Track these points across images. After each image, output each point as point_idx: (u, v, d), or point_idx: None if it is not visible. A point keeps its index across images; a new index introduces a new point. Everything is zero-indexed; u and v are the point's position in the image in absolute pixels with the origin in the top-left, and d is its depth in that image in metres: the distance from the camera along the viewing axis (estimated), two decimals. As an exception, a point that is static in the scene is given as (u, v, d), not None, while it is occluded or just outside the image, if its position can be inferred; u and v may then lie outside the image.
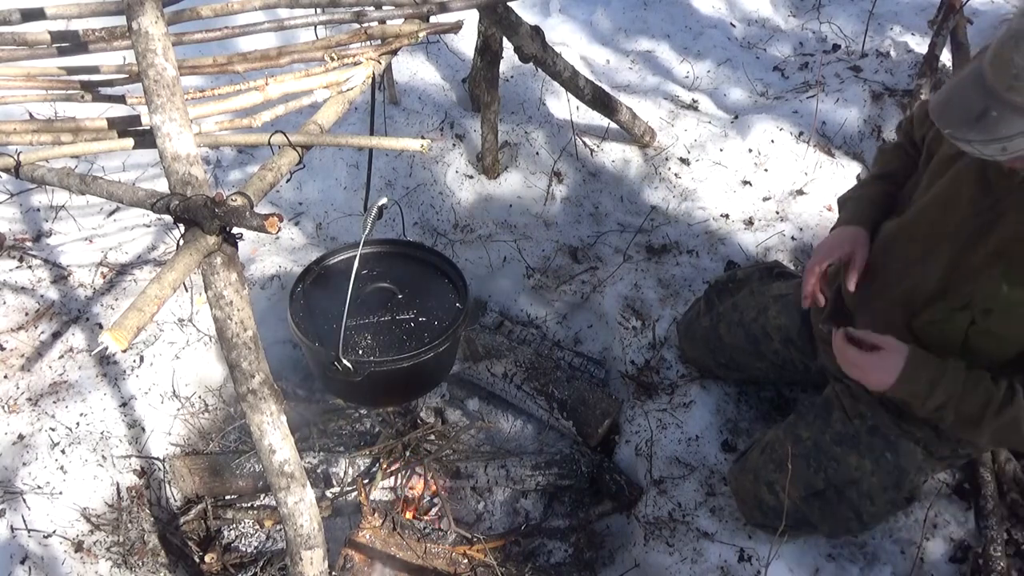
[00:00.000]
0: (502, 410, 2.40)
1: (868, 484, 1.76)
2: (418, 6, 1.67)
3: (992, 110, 1.23)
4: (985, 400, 1.49)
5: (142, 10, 1.15)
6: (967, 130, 1.27)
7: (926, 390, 1.53)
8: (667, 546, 1.98)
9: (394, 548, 1.99)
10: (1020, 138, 1.23)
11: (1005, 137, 1.24)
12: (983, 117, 1.24)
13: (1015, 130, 1.23)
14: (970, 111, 1.26)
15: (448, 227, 2.80)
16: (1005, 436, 1.53)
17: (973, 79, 1.27)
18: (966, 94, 1.28)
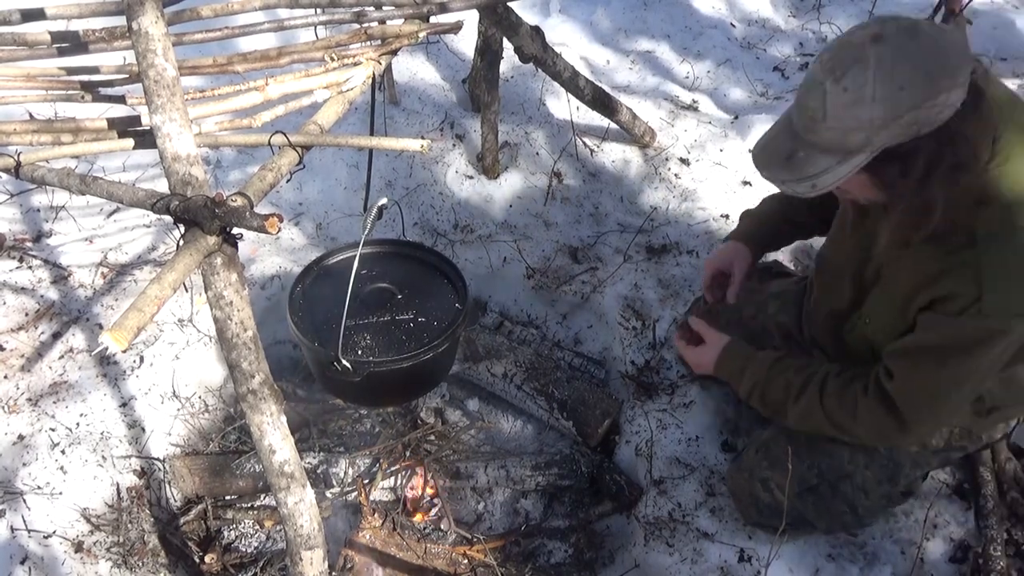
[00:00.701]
0: (502, 410, 2.41)
1: (862, 477, 1.77)
2: (418, 6, 1.67)
3: (799, 151, 1.35)
4: (785, 388, 1.70)
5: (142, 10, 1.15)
6: (779, 171, 1.39)
7: (736, 377, 1.80)
8: (667, 546, 1.98)
9: (394, 548, 1.99)
10: (826, 175, 1.34)
11: (813, 175, 1.34)
12: (792, 158, 1.36)
13: (820, 168, 1.33)
14: (780, 154, 1.38)
15: (448, 227, 2.80)
16: (806, 422, 1.70)
17: (784, 125, 1.40)
18: (778, 139, 1.40)
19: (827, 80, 1.29)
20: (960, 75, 1.26)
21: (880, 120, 1.26)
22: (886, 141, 1.29)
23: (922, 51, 1.24)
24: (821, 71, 1.31)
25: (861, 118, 1.27)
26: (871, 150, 1.31)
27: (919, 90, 1.24)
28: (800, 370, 1.69)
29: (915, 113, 1.25)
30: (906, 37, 1.26)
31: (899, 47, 1.25)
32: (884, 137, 1.28)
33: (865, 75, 1.25)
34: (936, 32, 1.28)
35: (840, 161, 1.32)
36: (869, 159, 1.32)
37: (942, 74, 1.24)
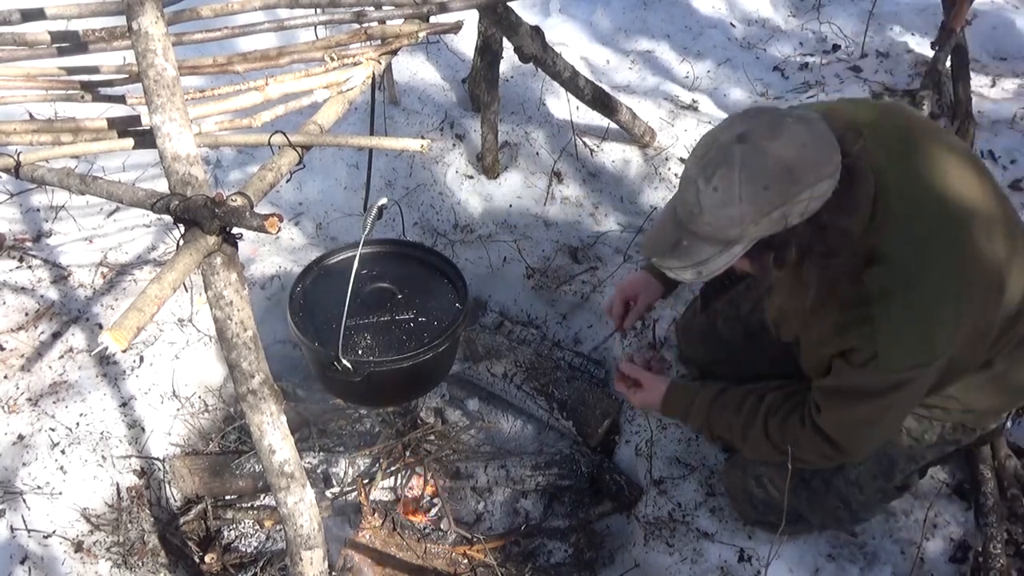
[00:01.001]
0: (502, 410, 2.40)
1: (856, 473, 1.78)
2: (418, 6, 1.67)
3: (684, 240, 1.43)
4: (729, 428, 1.77)
5: (142, 10, 1.15)
6: (668, 258, 1.47)
7: (683, 418, 1.88)
8: (667, 546, 1.98)
9: (394, 548, 1.99)
10: (710, 262, 1.42)
11: (698, 263, 1.43)
12: (677, 246, 1.44)
13: (704, 256, 1.42)
14: (667, 242, 1.46)
15: (448, 227, 2.80)
16: (758, 454, 1.77)
17: (670, 214, 1.48)
18: (665, 227, 1.48)
19: (699, 179, 1.36)
20: (825, 168, 1.32)
21: (750, 217, 1.34)
22: (759, 233, 1.37)
23: (785, 150, 1.31)
24: (695, 168, 1.38)
25: (732, 216, 1.34)
26: (747, 241, 1.39)
27: (783, 188, 1.31)
28: (739, 408, 1.74)
29: (782, 209, 1.32)
30: (769, 136, 1.32)
31: (762, 147, 1.31)
32: (756, 231, 1.36)
33: (731, 176, 1.32)
34: (800, 127, 1.33)
35: (721, 250, 1.41)
36: (747, 248, 1.40)
37: (805, 171, 1.31)
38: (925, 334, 1.45)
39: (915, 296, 1.43)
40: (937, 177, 1.52)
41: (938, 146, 1.59)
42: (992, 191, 1.59)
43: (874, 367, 1.46)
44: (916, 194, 1.48)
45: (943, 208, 1.49)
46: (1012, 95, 3.18)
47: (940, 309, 1.45)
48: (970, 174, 1.57)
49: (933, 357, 1.47)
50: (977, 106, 3.01)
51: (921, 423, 1.73)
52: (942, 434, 1.75)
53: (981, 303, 1.50)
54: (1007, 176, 2.84)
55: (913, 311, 1.44)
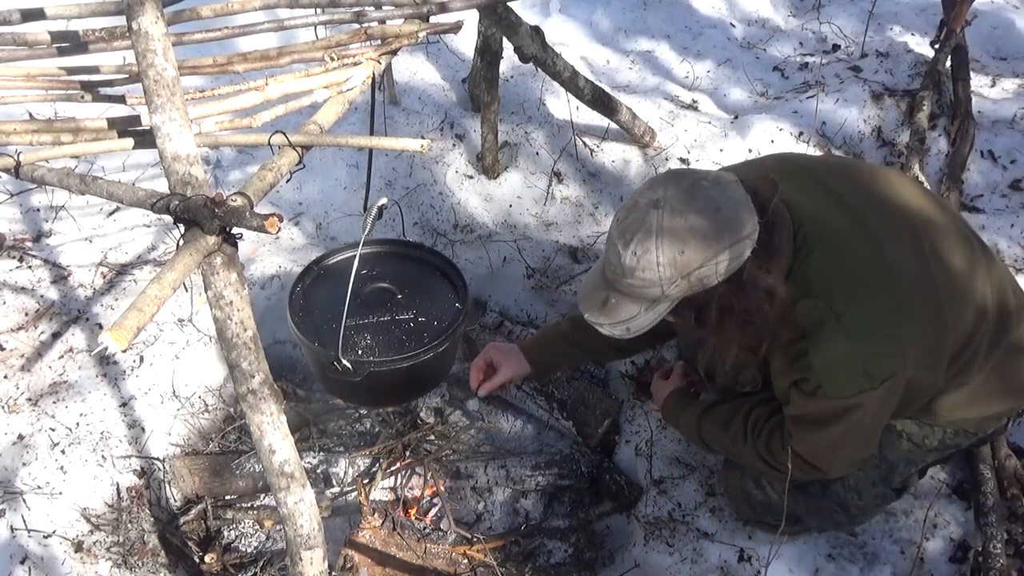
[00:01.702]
0: (502, 410, 2.40)
1: (854, 478, 1.77)
2: (418, 6, 1.67)
3: (611, 298, 1.49)
4: (723, 446, 1.80)
5: (142, 10, 1.15)
6: (597, 315, 1.52)
7: (674, 426, 1.97)
8: (667, 546, 1.98)
9: (394, 548, 1.99)
10: (636, 320, 1.47)
11: (625, 320, 1.48)
12: (606, 304, 1.49)
13: (630, 314, 1.47)
14: (597, 300, 1.51)
15: (448, 227, 2.80)
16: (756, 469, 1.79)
17: (600, 271, 1.53)
18: (595, 286, 1.53)
19: (619, 242, 1.42)
20: (741, 231, 1.38)
21: (668, 279, 1.39)
22: (681, 294, 1.43)
23: (699, 215, 1.37)
24: (616, 231, 1.44)
25: (652, 278, 1.40)
26: (670, 301, 1.45)
27: (699, 252, 1.37)
28: (726, 426, 1.76)
29: (699, 272, 1.38)
30: (684, 202, 1.38)
31: (677, 212, 1.37)
32: (677, 291, 1.42)
33: (648, 242, 1.38)
34: (715, 191, 1.39)
35: (647, 309, 1.46)
36: (672, 307, 1.46)
37: (720, 235, 1.37)
38: (862, 360, 1.48)
39: (847, 324, 1.47)
40: (861, 205, 1.57)
41: (856, 174, 1.68)
42: (938, 208, 1.65)
43: (822, 395, 1.50)
44: (839, 226, 1.53)
45: (868, 236, 1.53)
46: (1012, 95, 3.18)
47: (873, 334, 1.48)
48: (906, 196, 1.63)
49: (878, 380, 1.48)
50: (977, 106, 3.01)
51: (922, 428, 1.73)
52: (943, 439, 1.75)
53: (927, 319, 1.53)
54: (1007, 176, 2.84)
55: (847, 339, 1.47)
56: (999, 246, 2.59)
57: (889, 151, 2.99)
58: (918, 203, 1.65)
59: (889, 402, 1.56)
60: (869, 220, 1.55)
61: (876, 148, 3.01)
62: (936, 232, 1.61)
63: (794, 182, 1.56)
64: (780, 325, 1.50)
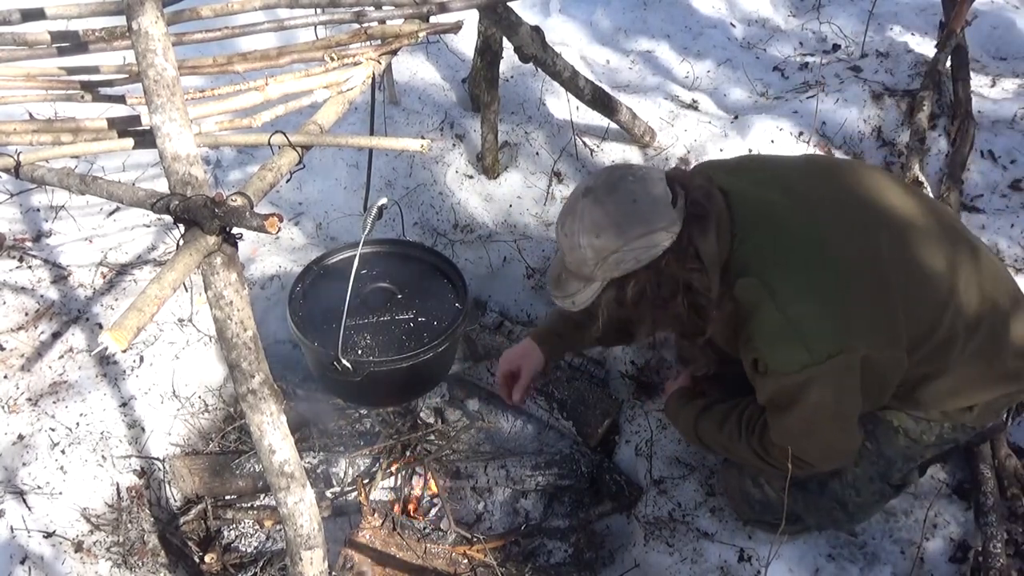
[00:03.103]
0: (502, 410, 2.40)
1: (852, 475, 1.78)
2: (418, 6, 1.67)
3: (562, 274, 1.64)
4: (715, 441, 1.83)
5: (142, 10, 1.15)
6: (553, 288, 1.67)
7: (673, 422, 2.00)
8: (667, 546, 1.98)
9: (394, 548, 1.99)
10: (579, 295, 1.61)
11: (571, 294, 1.62)
12: (559, 279, 1.65)
13: (574, 289, 1.62)
14: (555, 275, 1.67)
15: (448, 227, 2.80)
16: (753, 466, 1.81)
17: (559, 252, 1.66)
18: (556, 263, 1.69)
19: (558, 223, 1.61)
20: (653, 223, 1.50)
21: (591, 260, 1.54)
22: (606, 274, 1.56)
23: (616, 205, 1.51)
24: (560, 214, 1.61)
25: (579, 258, 1.56)
26: (600, 280, 1.58)
27: (613, 238, 1.50)
28: (721, 426, 1.80)
29: (616, 255, 1.51)
30: (606, 192, 1.53)
31: (598, 201, 1.52)
32: (602, 272, 1.55)
33: (574, 225, 1.54)
34: (636, 185, 1.53)
35: (585, 286, 1.60)
36: (602, 287, 1.59)
37: (632, 225, 1.49)
38: (799, 334, 1.52)
39: (782, 300, 1.53)
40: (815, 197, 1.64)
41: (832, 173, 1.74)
42: (917, 208, 1.68)
43: (772, 373, 1.57)
44: (781, 212, 1.61)
45: (811, 223, 1.59)
46: (1012, 95, 3.18)
47: (811, 308, 1.53)
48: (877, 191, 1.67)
49: (822, 355, 1.51)
50: (977, 106, 3.01)
51: (919, 424, 1.74)
52: (940, 434, 1.75)
53: (872, 299, 1.56)
54: (1007, 176, 2.84)
55: (783, 314, 1.52)
56: (999, 246, 2.59)
57: (889, 151, 2.99)
58: (898, 203, 1.68)
59: (846, 382, 1.57)
60: (818, 210, 1.62)
61: (876, 148, 3.01)
62: (908, 230, 1.64)
63: (750, 174, 1.68)
64: (726, 307, 1.59)
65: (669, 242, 1.52)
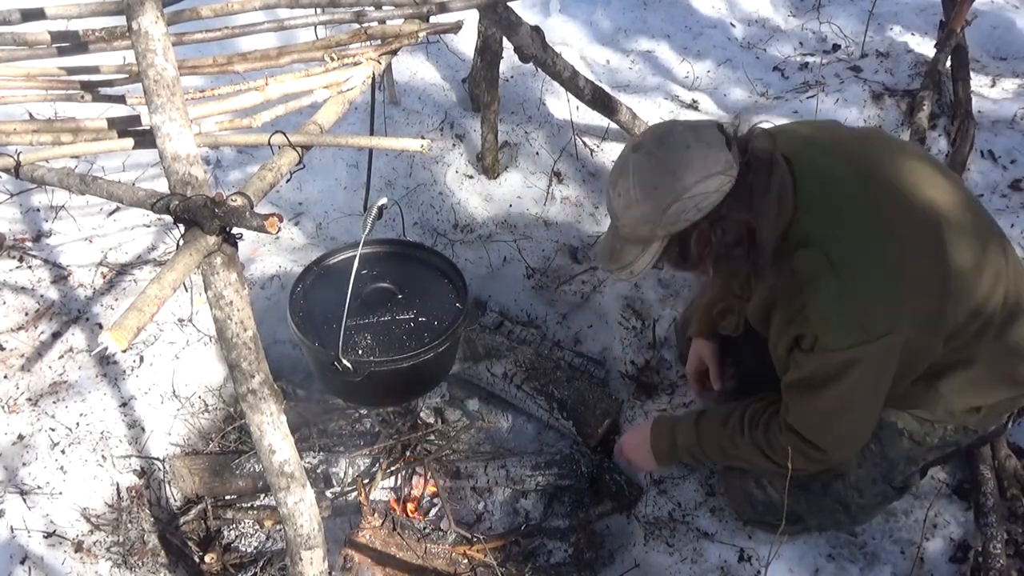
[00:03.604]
0: (502, 410, 2.40)
1: (855, 476, 1.78)
2: (418, 6, 1.67)
3: (616, 245, 1.62)
4: (717, 444, 1.80)
5: (142, 10, 1.15)
6: (608, 263, 1.65)
7: (669, 446, 1.88)
8: (667, 546, 1.98)
9: (394, 548, 1.99)
10: (636, 262, 1.59)
11: (627, 264, 1.60)
12: (613, 251, 1.63)
13: (631, 257, 1.59)
14: (607, 249, 1.66)
15: (448, 227, 2.80)
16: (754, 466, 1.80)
17: (610, 225, 1.66)
18: (606, 238, 1.68)
19: (610, 188, 1.58)
20: (710, 167, 1.47)
21: (650, 215, 1.50)
22: (666, 231, 1.53)
23: (669, 153, 1.49)
24: (608, 180, 1.59)
25: (636, 216, 1.53)
26: (660, 238, 1.55)
27: (670, 188, 1.47)
28: (724, 423, 1.79)
29: (676, 206, 1.48)
30: (656, 144, 1.51)
31: (650, 153, 1.50)
32: (662, 227, 1.52)
33: (628, 181, 1.51)
34: (687, 134, 1.51)
35: (643, 250, 1.58)
36: (663, 246, 1.56)
37: (688, 171, 1.46)
38: (858, 310, 1.50)
39: (844, 274, 1.50)
40: (874, 173, 1.61)
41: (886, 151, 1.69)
42: (959, 198, 1.66)
43: (819, 350, 1.52)
44: (846, 188, 1.58)
45: (873, 199, 1.57)
46: (1012, 95, 3.18)
47: (871, 285, 1.51)
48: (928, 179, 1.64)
49: (874, 334, 1.49)
50: (977, 106, 3.01)
51: (923, 426, 1.73)
52: (943, 436, 1.75)
53: (927, 282, 1.55)
54: (1007, 176, 2.84)
55: (843, 289, 1.50)
56: (999, 246, 2.59)
57: (889, 151, 2.99)
58: (951, 191, 1.66)
59: (886, 365, 1.56)
60: (882, 191, 1.58)
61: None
62: (961, 219, 1.62)
63: (818, 145, 1.65)
64: (778, 276, 1.55)
65: (729, 186, 1.48)
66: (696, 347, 2.09)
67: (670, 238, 1.54)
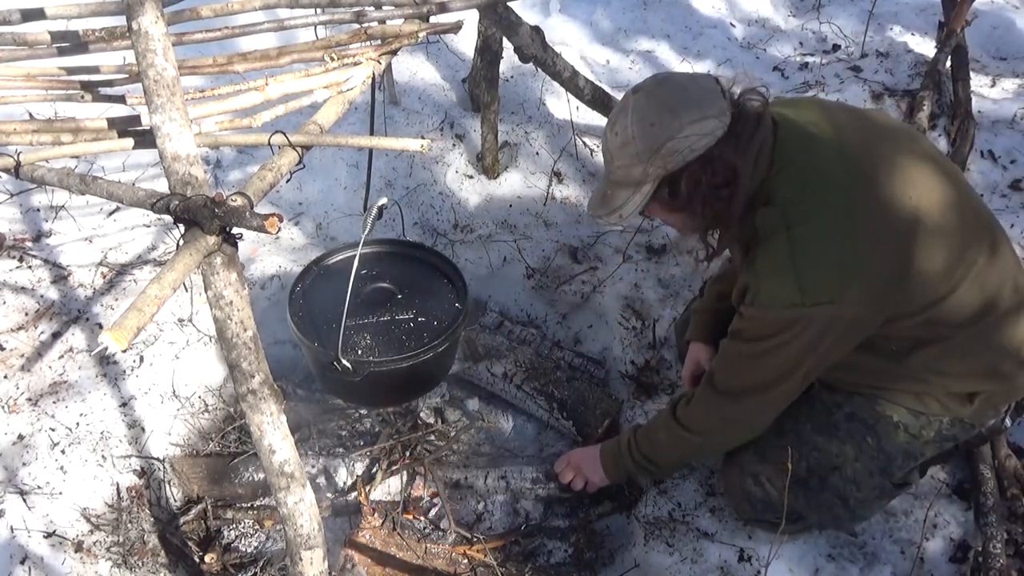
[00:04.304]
0: (502, 410, 2.40)
1: (852, 470, 1.78)
2: (418, 6, 1.67)
3: (608, 190, 1.66)
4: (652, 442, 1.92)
5: (142, 10, 1.15)
6: (597, 208, 1.69)
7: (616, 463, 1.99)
8: (667, 546, 1.98)
9: (394, 548, 1.99)
10: (627, 205, 1.62)
11: (618, 207, 1.63)
12: (605, 197, 1.67)
13: (621, 200, 1.63)
14: (599, 196, 1.70)
15: (448, 227, 2.80)
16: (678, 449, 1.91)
17: (603, 176, 1.70)
18: (599, 187, 1.71)
19: (608, 129, 1.61)
20: (707, 109, 1.51)
21: (645, 153, 1.54)
22: (659, 170, 1.56)
23: (667, 94, 1.54)
24: (607, 123, 1.63)
25: (631, 154, 1.55)
26: (651, 180, 1.58)
27: (667, 125, 1.51)
28: (655, 420, 1.94)
29: (671, 144, 1.52)
30: (656, 85, 1.58)
31: (650, 93, 1.56)
32: (655, 167, 1.55)
33: (626, 120, 1.55)
34: (685, 79, 1.58)
35: (634, 192, 1.61)
36: (653, 188, 1.59)
37: (685, 109, 1.51)
38: (798, 273, 1.53)
39: (796, 235, 1.54)
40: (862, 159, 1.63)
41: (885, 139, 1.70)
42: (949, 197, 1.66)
43: (758, 304, 1.59)
44: (824, 153, 1.61)
45: (848, 171, 1.60)
46: (1012, 95, 3.18)
47: (820, 252, 1.54)
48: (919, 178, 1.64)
49: (811, 300, 1.52)
50: (977, 106, 3.01)
51: (918, 419, 1.74)
52: (939, 430, 1.75)
53: (878, 266, 1.56)
54: (1007, 176, 2.84)
55: (792, 250, 1.54)
56: (999, 246, 2.59)
57: (889, 151, 2.99)
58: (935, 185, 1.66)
59: (823, 337, 1.58)
60: (859, 168, 1.61)
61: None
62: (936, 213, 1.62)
63: (808, 114, 1.68)
64: (741, 230, 1.62)
65: (721, 132, 1.53)
66: (693, 351, 2.14)
67: (660, 179, 1.58)
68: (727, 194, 1.57)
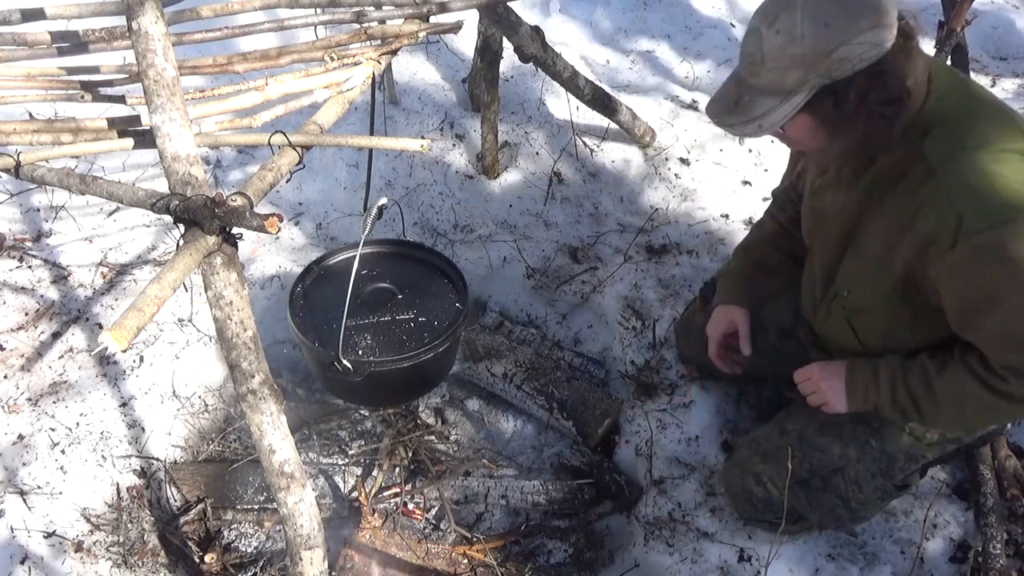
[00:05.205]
0: (502, 410, 2.40)
1: (854, 471, 1.78)
2: (418, 6, 1.67)
3: (744, 96, 1.46)
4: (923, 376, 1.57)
5: (142, 10, 1.15)
6: (727, 115, 1.49)
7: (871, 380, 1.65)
8: (667, 546, 1.98)
9: (394, 548, 1.99)
10: (771, 115, 1.43)
11: (759, 116, 1.44)
12: (739, 103, 1.47)
13: (764, 109, 1.43)
14: (729, 100, 1.49)
15: (448, 227, 2.80)
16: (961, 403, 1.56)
17: (732, 76, 1.51)
18: (726, 89, 1.51)
19: (762, 25, 1.39)
20: (883, 16, 1.34)
21: (812, 57, 1.35)
22: (821, 78, 1.38)
23: None
24: (757, 18, 1.42)
25: (794, 56, 1.36)
26: (808, 88, 1.39)
27: (843, 27, 1.33)
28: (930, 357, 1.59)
29: (844, 49, 1.34)
30: None
31: None
32: (818, 74, 1.37)
33: (794, 16, 1.35)
34: None
35: (782, 101, 1.42)
36: (808, 98, 1.40)
37: (864, 13, 1.34)
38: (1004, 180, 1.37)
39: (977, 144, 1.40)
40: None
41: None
42: None
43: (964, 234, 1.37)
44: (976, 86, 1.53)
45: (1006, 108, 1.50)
46: (1012, 95, 3.18)
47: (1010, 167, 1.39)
48: None
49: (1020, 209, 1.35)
50: (977, 106, 3.01)
51: None
52: (943, 433, 1.75)
53: None
54: (1007, 176, 2.84)
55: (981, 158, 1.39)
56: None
57: (889, 151, 2.99)
58: None
59: None
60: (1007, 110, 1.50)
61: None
62: None
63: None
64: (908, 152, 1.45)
65: (891, 44, 1.37)
66: (726, 312, 2.01)
67: (821, 89, 1.39)
68: (892, 112, 1.41)
